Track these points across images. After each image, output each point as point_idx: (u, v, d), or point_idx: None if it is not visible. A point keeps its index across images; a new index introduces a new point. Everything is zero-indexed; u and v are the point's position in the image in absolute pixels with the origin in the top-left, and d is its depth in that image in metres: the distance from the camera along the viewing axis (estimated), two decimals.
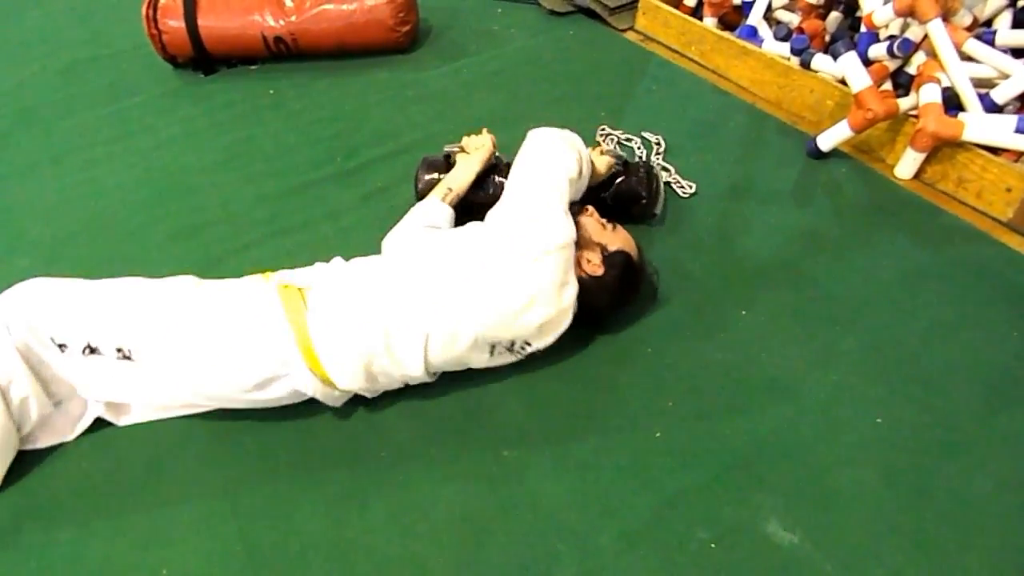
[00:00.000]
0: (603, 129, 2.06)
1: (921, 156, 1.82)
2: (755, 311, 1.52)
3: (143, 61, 2.43)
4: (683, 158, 1.96)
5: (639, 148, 1.99)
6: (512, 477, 1.23)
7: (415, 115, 2.19)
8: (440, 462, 1.25)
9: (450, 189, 1.59)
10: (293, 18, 2.29)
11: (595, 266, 1.35)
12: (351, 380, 1.23)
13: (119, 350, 1.18)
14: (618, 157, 1.69)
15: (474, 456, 1.26)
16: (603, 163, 1.63)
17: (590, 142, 2.03)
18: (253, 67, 2.43)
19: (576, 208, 1.44)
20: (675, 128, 2.07)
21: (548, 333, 1.30)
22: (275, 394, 1.24)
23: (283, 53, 2.37)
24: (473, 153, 1.66)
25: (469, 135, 1.70)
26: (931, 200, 1.82)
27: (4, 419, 1.17)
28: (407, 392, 1.33)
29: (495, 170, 1.68)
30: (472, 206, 1.60)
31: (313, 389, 1.24)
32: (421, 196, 1.65)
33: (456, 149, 1.71)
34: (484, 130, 1.70)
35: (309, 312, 1.22)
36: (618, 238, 1.41)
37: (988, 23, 1.97)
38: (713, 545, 1.13)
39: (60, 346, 1.18)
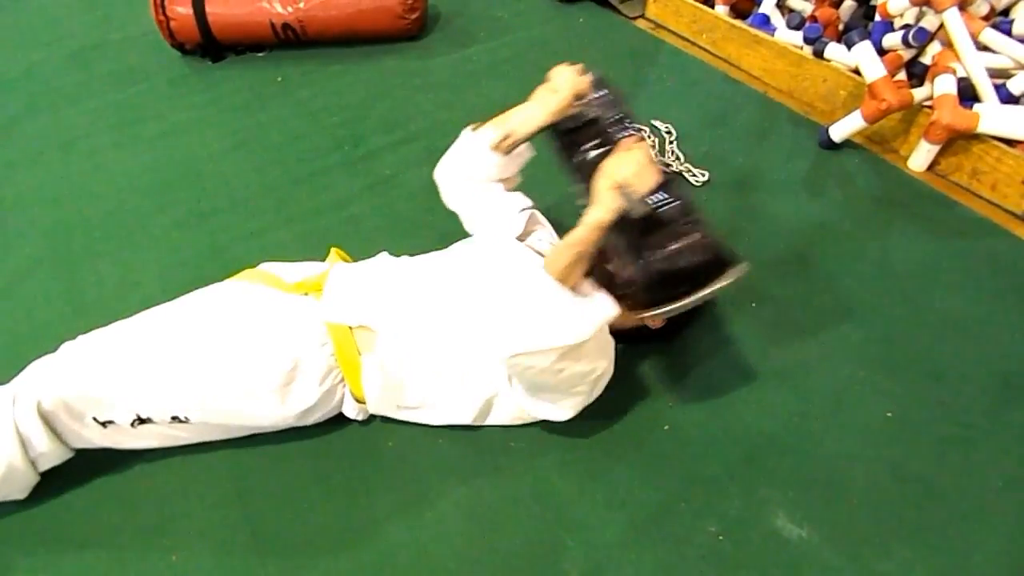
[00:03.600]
0: None
1: (935, 148, 1.80)
2: (765, 303, 1.51)
3: (151, 47, 2.42)
4: (694, 147, 1.94)
5: (649, 137, 1.97)
6: (519, 469, 1.22)
7: (423, 103, 2.18)
8: (447, 453, 1.25)
9: (506, 136, 1.31)
10: (301, 5, 2.28)
11: (657, 323, 1.30)
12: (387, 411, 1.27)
13: (174, 418, 1.15)
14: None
15: (481, 447, 1.25)
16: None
17: None
18: (261, 54, 2.42)
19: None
20: (686, 117, 2.05)
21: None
22: (314, 419, 1.24)
23: (291, 40, 2.36)
24: (545, 96, 1.30)
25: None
26: (945, 192, 1.80)
27: (25, 468, 1.11)
28: None
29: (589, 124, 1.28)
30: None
31: (356, 412, 1.26)
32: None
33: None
34: (571, 69, 1.31)
35: (363, 361, 1.19)
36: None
37: (1005, 12, 1.94)
38: (721, 538, 1.13)
39: (104, 423, 1.12)
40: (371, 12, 2.32)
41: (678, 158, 1.89)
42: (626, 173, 1.04)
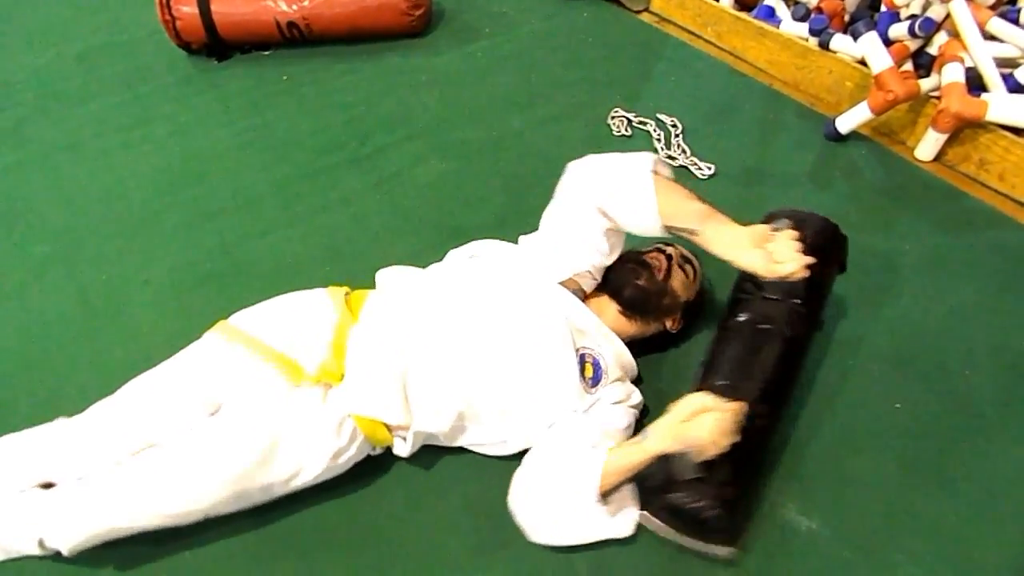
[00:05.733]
0: (616, 111, 2.04)
1: (943, 137, 1.79)
2: None
3: (157, 48, 2.43)
4: (699, 141, 1.94)
5: (654, 131, 1.97)
6: None
7: (428, 100, 2.18)
8: (458, 451, 1.25)
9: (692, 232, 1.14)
10: (306, 3, 2.28)
11: (677, 324, 1.35)
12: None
13: (206, 517, 1.11)
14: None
15: None
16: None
17: (602, 121, 2.02)
18: (266, 53, 2.43)
19: (664, 258, 1.31)
20: (691, 110, 2.05)
21: None
22: None
23: (296, 38, 2.37)
24: (755, 252, 1.08)
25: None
26: (952, 183, 1.79)
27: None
28: None
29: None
30: None
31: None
32: None
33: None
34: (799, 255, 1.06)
35: (395, 439, 1.19)
36: (697, 281, 1.37)
37: (1013, 1, 1.93)
38: None
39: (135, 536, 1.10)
40: (375, 9, 2.32)
41: (684, 151, 1.89)
42: (700, 437, 1.00)
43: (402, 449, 1.19)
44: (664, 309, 1.31)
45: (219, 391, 1.15)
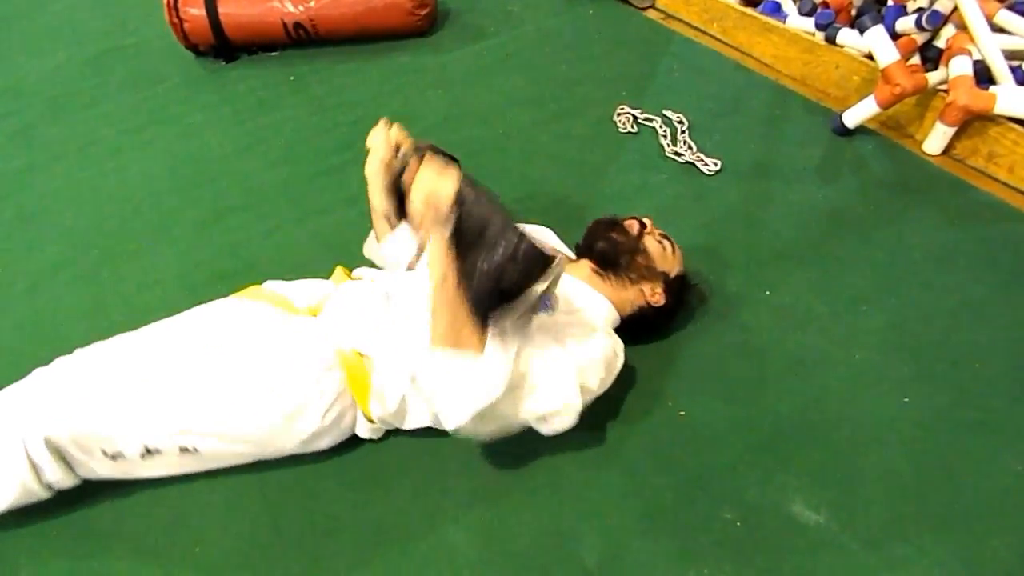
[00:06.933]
0: (622, 108, 2.04)
1: (951, 130, 1.78)
2: (779, 291, 1.51)
3: (165, 50, 2.45)
4: (706, 136, 1.94)
5: (660, 127, 1.97)
6: (535, 457, 1.23)
7: (435, 99, 2.19)
8: (464, 442, 1.25)
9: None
10: (312, 4, 2.29)
11: (659, 296, 1.32)
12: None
13: (183, 449, 1.14)
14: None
15: None
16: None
17: (609, 118, 2.02)
18: (274, 53, 2.44)
19: (637, 223, 1.35)
20: (698, 106, 2.05)
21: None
22: (324, 444, 1.22)
23: (303, 39, 2.38)
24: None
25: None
26: (961, 176, 1.78)
27: (40, 491, 1.11)
28: None
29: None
30: None
31: (369, 432, 1.24)
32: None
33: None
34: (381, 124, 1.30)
35: (372, 384, 1.18)
36: (677, 259, 1.37)
37: None
38: (738, 524, 1.13)
39: (113, 455, 1.11)
40: (382, 9, 2.33)
41: (690, 147, 1.89)
42: (422, 193, 0.99)
43: (377, 408, 1.18)
44: (638, 270, 1.31)
45: (219, 329, 1.21)
